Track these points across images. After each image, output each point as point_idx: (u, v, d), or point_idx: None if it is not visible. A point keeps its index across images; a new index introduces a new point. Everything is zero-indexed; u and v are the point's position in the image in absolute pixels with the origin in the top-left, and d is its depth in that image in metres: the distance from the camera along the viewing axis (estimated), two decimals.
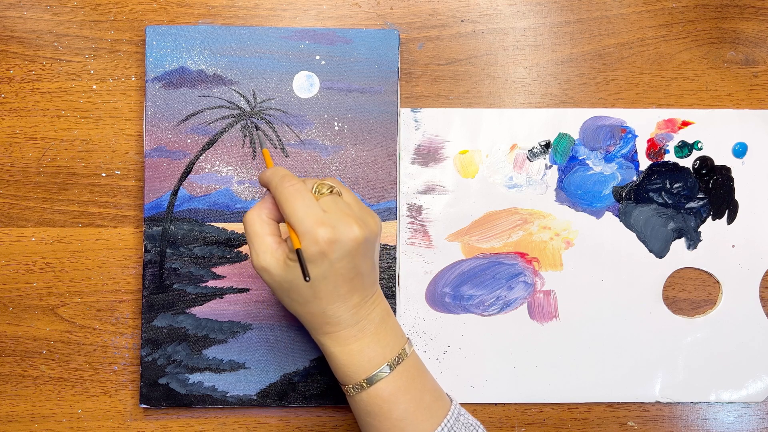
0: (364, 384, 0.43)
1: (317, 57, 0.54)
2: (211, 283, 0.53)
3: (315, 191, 0.43)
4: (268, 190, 0.44)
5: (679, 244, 0.55)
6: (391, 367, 0.43)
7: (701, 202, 0.55)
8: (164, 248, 0.53)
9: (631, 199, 0.55)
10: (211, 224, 0.53)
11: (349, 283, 0.42)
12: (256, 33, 0.54)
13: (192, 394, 0.52)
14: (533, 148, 0.55)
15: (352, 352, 0.43)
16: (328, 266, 0.41)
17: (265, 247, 0.42)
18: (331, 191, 0.43)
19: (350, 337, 0.43)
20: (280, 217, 0.44)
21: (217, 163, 0.53)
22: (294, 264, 0.41)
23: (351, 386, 0.44)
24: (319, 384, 0.53)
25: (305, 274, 0.40)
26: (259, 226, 0.43)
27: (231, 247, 0.53)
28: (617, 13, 0.56)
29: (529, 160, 0.55)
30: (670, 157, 0.55)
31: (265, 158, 0.48)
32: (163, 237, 0.53)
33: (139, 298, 0.54)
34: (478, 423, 0.46)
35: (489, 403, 0.54)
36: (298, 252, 0.40)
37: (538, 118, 0.55)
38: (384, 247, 0.53)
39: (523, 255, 0.55)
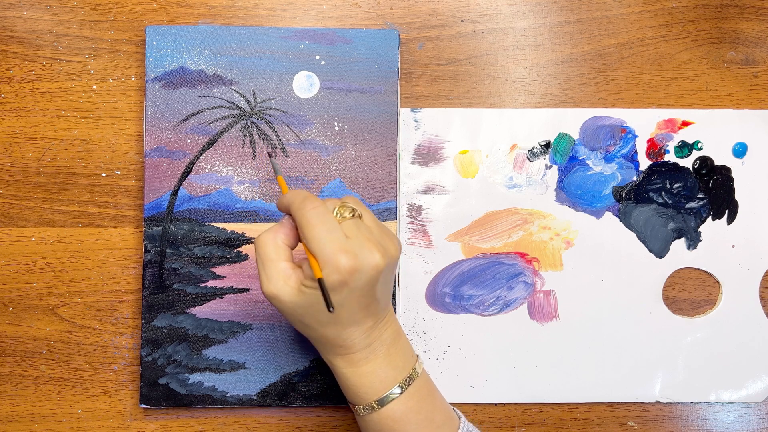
0: (375, 405, 0.43)
1: (317, 57, 0.54)
2: (211, 283, 0.53)
3: (337, 214, 0.41)
4: (288, 214, 0.42)
5: (679, 244, 0.55)
6: (402, 388, 0.43)
7: (701, 202, 0.55)
8: (164, 248, 0.53)
9: (631, 199, 0.55)
10: (211, 224, 0.53)
11: (366, 309, 0.41)
12: (256, 33, 0.54)
13: (192, 394, 0.52)
14: (533, 148, 0.55)
15: (364, 373, 0.43)
16: (347, 294, 0.40)
17: (279, 273, 0.40)
18: (353, 214, 0.41)
19: (362, 359, 0.43)
20: (295, 243, 0.42)
21: (217, 163, 0.53)
22: (309, 290, 0.40)
23: (362, 407, 0.43)
24: (319, 384, 0.53)
25: (329, 305, 0.39)
26: (273, 250, 0.41)
27: (231, 247, 0.53)
28: (617, 13, 0.56)
29: (529, 160, 0.55)
30: (670, 157, 0.55)
31: (281, 185, 0.46)
32: (163, 237, 0.53)
33: (139, 298, 0.54)
34: None
35: (489, 403, 0.54)
36: (320, 282, 0.39)
37: (538, 118, 0.55)
38: None
39: (523, 255, 0.55)
